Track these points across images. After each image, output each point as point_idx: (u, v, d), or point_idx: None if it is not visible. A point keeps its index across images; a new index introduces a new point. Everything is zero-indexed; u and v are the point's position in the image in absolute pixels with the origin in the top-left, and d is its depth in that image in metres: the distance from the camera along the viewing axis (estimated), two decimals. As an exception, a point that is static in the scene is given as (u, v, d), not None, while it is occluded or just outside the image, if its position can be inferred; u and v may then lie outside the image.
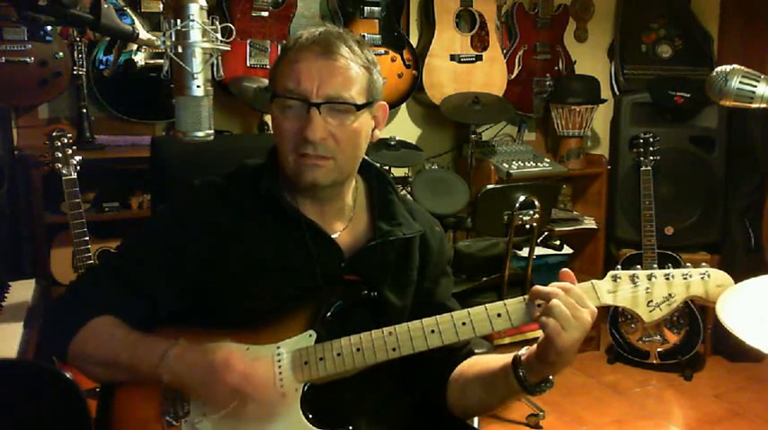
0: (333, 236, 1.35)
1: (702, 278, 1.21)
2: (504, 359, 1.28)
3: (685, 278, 1.21)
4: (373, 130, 1.36)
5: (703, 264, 1.24)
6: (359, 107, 1.28)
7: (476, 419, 3.01)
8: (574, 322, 1.15)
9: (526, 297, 1.21)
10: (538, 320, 1.18)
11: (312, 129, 1.24)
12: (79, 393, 1.49)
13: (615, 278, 1.22)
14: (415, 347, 1.22)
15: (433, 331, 1.22)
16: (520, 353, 1.25)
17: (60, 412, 1.50)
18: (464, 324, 1.22)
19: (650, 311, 1.21)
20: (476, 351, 1.43)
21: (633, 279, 1.22)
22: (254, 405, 1.18)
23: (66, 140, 2.55)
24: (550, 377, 1.23)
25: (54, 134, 2.55)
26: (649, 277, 1.22)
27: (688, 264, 1.23)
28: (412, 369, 1.38)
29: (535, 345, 1.21)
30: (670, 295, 1.21)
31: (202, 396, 1.22)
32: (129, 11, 2.83)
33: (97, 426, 1.33)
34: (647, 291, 1.21)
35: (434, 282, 1.44)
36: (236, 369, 1.18)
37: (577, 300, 1.17)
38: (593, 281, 1.22)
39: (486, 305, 1.22)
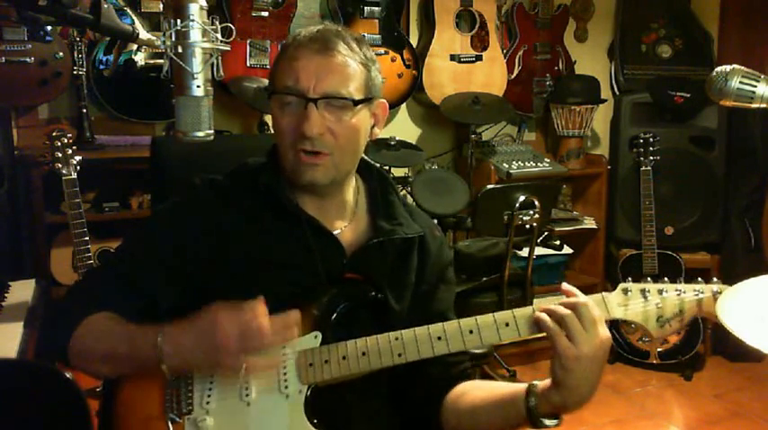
0: (334, 233, 1.35)
1: (714, 295, 1.18)
2: (515, 386, 1.25)
3: (697, 294, 1.18)
4: (372, 128, 1.37)
5: (714, 279, 1.21)
6: (356, 103, 1.28)
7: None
8: (584, 335, 1.12)
9: (535, 307, 1.19)
10: (545, 328, 1.16)
11: (309, 125, 1.25)
12: (79, 393, 1.49)
13: (626, 291, 1.20)
14: (421, 354, 1.21)
15: (439, 338, 1.21)
16: (536, 382, 1.22)
17: (60, 412, 1.50)
18: (471, 332, 1.20)
19: (660, 327, 1.19)
20: (475, 351, 1.42)
21: (644, 293, 1.19)
22: (263, 341, 1.16)
23: (66, 140, 2.55)
24: (561, 416, 1.19)
25: (54, 134, 2.55)
26: (660, 292, 1.19)
27: (699, 279, 1.20)
28: (404, 386, 1.37)
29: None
30: (681, 311, 1.18)
31: (211, 367, 1.20)
32: (129, 11, 2.83)
33: (100, 425, 1.32)
34: (658, 306, 1.19)
35: (432, 286, 1.42)
36: (226, 322, 1.15)
37: (590, 324, 1.14)
38: (604, 293, 1.20)
39: (495, 313, 1.20)
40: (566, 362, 1.12)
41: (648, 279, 1.22)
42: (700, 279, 1.21)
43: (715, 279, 1.21)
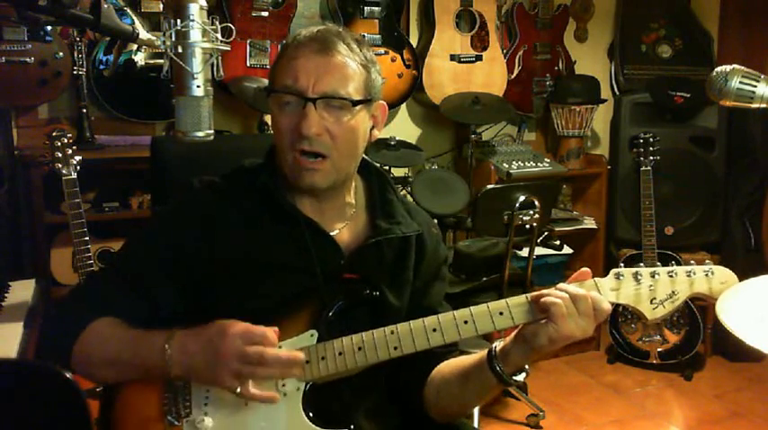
0: (332, 233, 1.35)
1: (706, 275, 1.20)
2: (478, 355, 1.29)
3: (689, 275, 1.21)
4: (372, 130, 1.37)
5: (707, 261, 1.23)
6: (355, 103, 1.28)
7: (475, 419, 3.01)
8: (578, 318, 1.17)
9: (529, 296, 1.21)
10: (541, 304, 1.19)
11: (307, 124, 1.25)
12: (79, 393, 1.49)
13: (618, 276, 1.22)
14: (417, 346, 1.22)
15: (434, 330, 1.22)
16: (494, 345, 1.26)
17: (60, 412, 1.50)
18: (466, 322, 1.21)
19: (653, 309, 1.21)
20: (475, 351, 1.43)
21: (636, 277, 1.21)
22: (262, 366, 1.17)
23: (66, 140, 2.55)
24: (526, 366, 1.25)
25: (54, 134, 2.55)
26: (652, 274, 1.21)
27: (691, 262, 1.23)
28: (394, 373, 1.37)
29: (513, 334, 1.23)
30: (673, 292, 1.20)
31: (209, 379, 1.20)
32: (129, 11, 2.83)
33: (99, 427, 1.32)
34: (651, 288, 1.21)
35: (426, 283, 1.43)
36: (234, 336, 1.16)
37: (584, 309, 1.18)
38: (596, 279, 1.22)
39: (489, 303, 1.22)
40: (559, 341, 1.18)
41: (641, 264, 1.23)
42: (692, 261, 1.23)
43: (707, 260, 1.22)
